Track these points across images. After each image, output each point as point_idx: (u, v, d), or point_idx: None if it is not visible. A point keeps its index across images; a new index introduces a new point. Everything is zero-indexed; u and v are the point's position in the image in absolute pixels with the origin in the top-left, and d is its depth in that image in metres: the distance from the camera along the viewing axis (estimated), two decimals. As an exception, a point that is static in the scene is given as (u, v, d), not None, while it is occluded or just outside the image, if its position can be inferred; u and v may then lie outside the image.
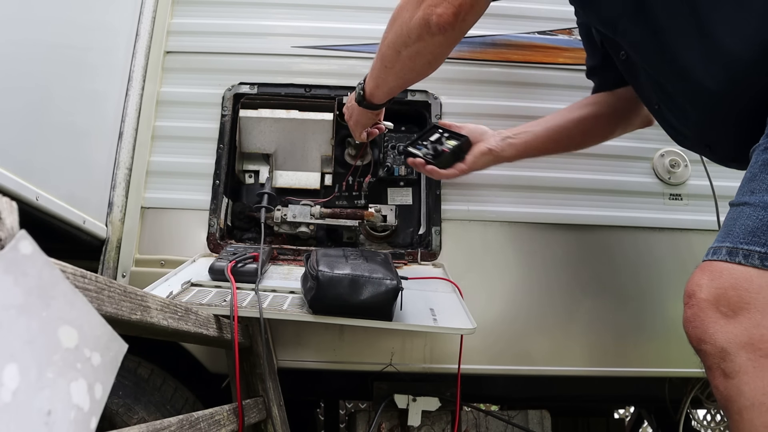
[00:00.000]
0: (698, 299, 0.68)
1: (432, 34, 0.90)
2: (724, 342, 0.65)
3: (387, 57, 1.01)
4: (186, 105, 1.38)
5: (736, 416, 0.64)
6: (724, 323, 0.65)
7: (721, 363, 0.65)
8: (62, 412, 0.33)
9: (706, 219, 1.33)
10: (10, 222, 0.30)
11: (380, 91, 1.10)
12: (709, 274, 0.69)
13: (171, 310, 0.65)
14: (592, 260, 1.33)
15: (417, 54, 0.96)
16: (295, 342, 1.23)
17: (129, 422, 1.08)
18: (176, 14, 1.44)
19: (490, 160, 1.18)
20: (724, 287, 0.67)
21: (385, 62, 1.02)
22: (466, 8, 0.87)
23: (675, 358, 1.28)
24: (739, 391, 0.63)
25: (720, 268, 0.68)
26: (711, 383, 0.67)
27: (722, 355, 0.65)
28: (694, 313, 0.68)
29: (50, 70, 1.07)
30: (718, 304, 0.66)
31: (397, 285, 0.90)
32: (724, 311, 0.66)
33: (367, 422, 1.27)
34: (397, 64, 1.01)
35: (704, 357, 0.68)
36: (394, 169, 1.41)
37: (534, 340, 1.27)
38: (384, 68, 1.03)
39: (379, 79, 1.07)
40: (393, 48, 0.98)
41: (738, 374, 0.63)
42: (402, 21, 0.94)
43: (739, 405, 0.63)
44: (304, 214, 1.34)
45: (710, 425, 1.56)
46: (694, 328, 0.68)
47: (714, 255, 0.70)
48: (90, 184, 1.23)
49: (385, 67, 1.03)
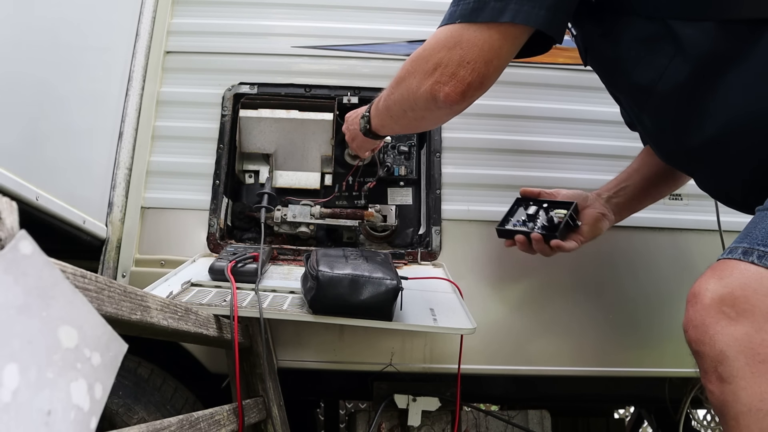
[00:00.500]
0: (702, 299, 0.67)
1: (438, 107, 0.89)
2: (723, 345, 0.63)
3: (393, 111, 1.00)
4: (186, 105, 1.38)
5: (732, 422, 0.62)
6: (726, 324, 0.64)
7: (717, 366, 0.64)
8: (62, 412, 0.33)
9: (706, 219, 1.33)
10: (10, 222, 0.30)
11: (385, 130, 1.10)
12: (719, 272, 0.68)
13: (171, 310, 0.65)
14: (591, 260, 1.33)
15: (422, 118, 0.96)
16: (295, 342, 1.23)
17: (129, 422, 1.08)
18: (176, 14, 1.44)
19: (605, 225, 1.12)
20: (732, 286, 0.66)
21: (391, 113, 1.02)
22: (474, 87, 0.85)
23: (675, 358, 1.28)
24: (736, 396, 0.62)
25: (732, 265, 0.68)
26: (705, 387, 0.66)
27: (720, 358, 0.63)
28: (696, 312, 0.67)
29: (50, 70, 1.07)
30: (722, 305, 0.65)
31: (397, 285, 0.90)
32: (728, 312, 0.64)
33: (367, 422, 1.27)
34: (402, 120, 1.01)
35: (701, 359, 0.67)
36: (394, 169, 1.41)
37: (534, 340, 1.27)
38: (390, 117, 1.03)
39: (384, 122, 1.06)
40: (399, 106, 0.97)
41: (735, 379, 0.62)
42: (409, 88, 0.91)
43: (736, 410, 0.62)
44: (304, 214, 1.34)
45: (710, 425, 1.56)
46: (694, 328, 0.67)
47: (729, 254, 0.70)
48: (90, 184, 1.23)
49: (391, 116, 1.02)
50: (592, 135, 1.40)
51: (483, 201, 1.34)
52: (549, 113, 1.41)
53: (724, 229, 1.24)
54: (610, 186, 1.16)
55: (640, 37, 0.84)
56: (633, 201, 1.16)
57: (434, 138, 1.37)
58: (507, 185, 1.35)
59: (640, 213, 1.35)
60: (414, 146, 1.45)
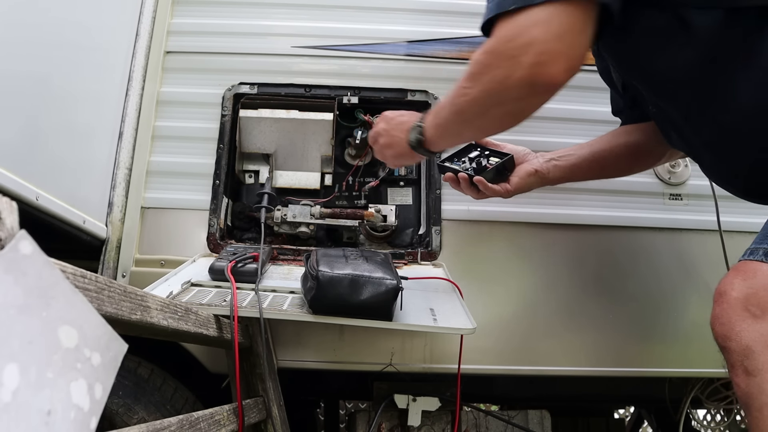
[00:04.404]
0: (729, 297, 0.70)
1: (538, 94, 0.79)
2: (749, 340, 0.67)
3: (468, 112, 0.87)
4: (186, 105, 1.38)
5: (756, 413, 0.65)
6: (752, 322, 0.67)
7: (744, 360, 0.67)
8: (62, 412, 0.33)
9: (706, 219, 1.33)
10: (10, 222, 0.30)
11: (446, 141, 0.98)
12: (743, 273, 0.72)
13: (171, 310, 0.65)
14: (592, 260, 1.33)
15: (510, 113, 0.85)
16: (295, 342, 1.23)
17: (129, 422, 1.08)
18: (176, 14, 1.44)
19: (535, 181, 1.12)
20: (756, 287, 0.69)
21: (464, 116, 0.89)
22: (579, 62, 0.76)
23: (675, 358, 1.28)
24: (761, 389, 0.65)
25: (755, 267, 0.71)
26: (732, 380, 0.69)
27: (746, 352, 0.67)
28: (723, 310, 0.71)
29: (50, 70, 1.07)
30: (748, 304, 0.69)
31: (397, 285, 0.90)
32: (753, 311, 0.68)
33: (367, 422, 1.27)
34: (480, 121, 0.88)
35: (728, 354, 0.70)
36: (395, 170, 1.41)
37: (534, 340, 1.27)
38: (461, 122, 0.90)
39: (448, 131, 0.94)
40: (479, 105, 0.85)
41: (761, 372, 0.65)
42: (494, 79, 0.80)
43: (761, 402, 0.65)
44: (304, 214, 1.34)
45: (710, 425, 1.57)
46: (721, 325, 0.70)
47: (751, 255, 0.73)
48: (90, 184, 1.23)
49: (464, 121, 0.90)
50: (592, 135, 1.40)
51: (483, 201, 1.34)
52: (549, 113, 1.40)
53: (724, 229, 1.24)
54: (559, 151, 1.16)
55: (652, 27, 0.83)
56: (573, 169, 1.14)
57: (434, 138, 1.37)
58: (507, 185, 1.35)
59: (640, 213, 1.36)
60: (414, 146, 1.45)
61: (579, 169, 1.15)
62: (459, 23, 1.44)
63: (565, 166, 1.14)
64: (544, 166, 1.12)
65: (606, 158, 1.14)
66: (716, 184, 1.02)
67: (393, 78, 1.40)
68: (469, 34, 1.43)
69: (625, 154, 1.14)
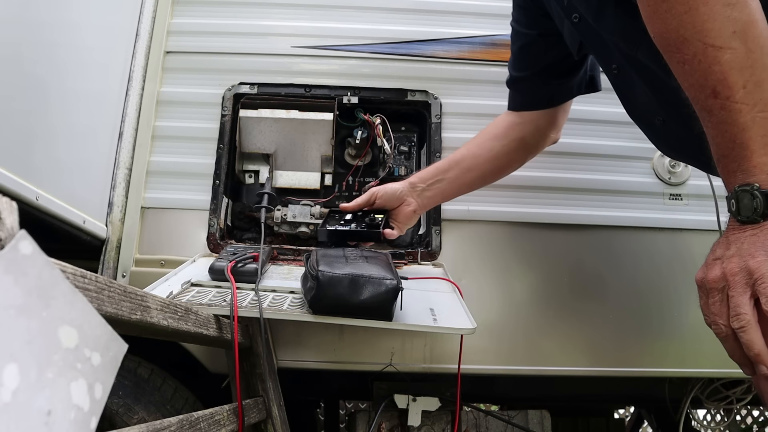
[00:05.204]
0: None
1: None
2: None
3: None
4: (186, 105, 1.38)
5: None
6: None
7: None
8: (62, 412, 0.33)
9: (706, 219, 1.33)
10: (10, 222, 0.30)
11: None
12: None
13: (171, 310, 0.65)
14: (591, 260, 1.33)
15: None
16: (295, 342, 1.23)
17: (129, 422, 1.08)
18: (176, 14, 1.44)
19: (416, 216, 1.21)
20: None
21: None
22: None
23: (675, 358, 1.28)
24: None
25: None
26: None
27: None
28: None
29: (50, 70, 1.07)
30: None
31: (397, 285, 0.90)
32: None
33: (367, 422, 1.27)
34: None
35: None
36: (394, 169, 1.41)
37: (534, 340, 1.27)
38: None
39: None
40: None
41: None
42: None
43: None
44: (304, 214, 1.34)
45: (710, 425, 1.57)
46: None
47: None
48: (90, 184, 1.23)
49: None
50: (592, 135, 1.40)
51: (483, 201, 1.34)
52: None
53: (724, 229, 1.24)
54: (426, 176, 1.18)
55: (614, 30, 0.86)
56: (446, 193, 1.20)
57: (434, 138, 1.37)
58: (507, 185, 1.35)
59: (640, 213, 1.36)
60: (414, 146, 1.45)
61: (448, 193, 1.21)
62: (459, 23, 1.44)
63: (436, 194, 1.19)
64: (419, 202, 1.18)
65: (473, 179, 1.19)
66: (668, 156, 1.02)
67: (393, 78, 1.40)
68: (470, 34, 1.44)
69: (490, 167, 1.19)
